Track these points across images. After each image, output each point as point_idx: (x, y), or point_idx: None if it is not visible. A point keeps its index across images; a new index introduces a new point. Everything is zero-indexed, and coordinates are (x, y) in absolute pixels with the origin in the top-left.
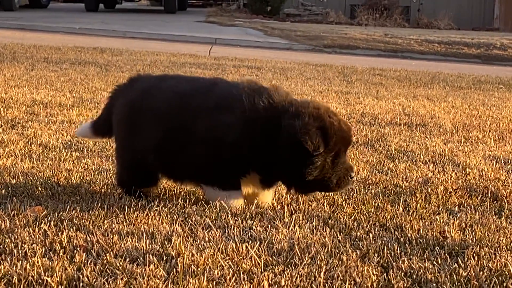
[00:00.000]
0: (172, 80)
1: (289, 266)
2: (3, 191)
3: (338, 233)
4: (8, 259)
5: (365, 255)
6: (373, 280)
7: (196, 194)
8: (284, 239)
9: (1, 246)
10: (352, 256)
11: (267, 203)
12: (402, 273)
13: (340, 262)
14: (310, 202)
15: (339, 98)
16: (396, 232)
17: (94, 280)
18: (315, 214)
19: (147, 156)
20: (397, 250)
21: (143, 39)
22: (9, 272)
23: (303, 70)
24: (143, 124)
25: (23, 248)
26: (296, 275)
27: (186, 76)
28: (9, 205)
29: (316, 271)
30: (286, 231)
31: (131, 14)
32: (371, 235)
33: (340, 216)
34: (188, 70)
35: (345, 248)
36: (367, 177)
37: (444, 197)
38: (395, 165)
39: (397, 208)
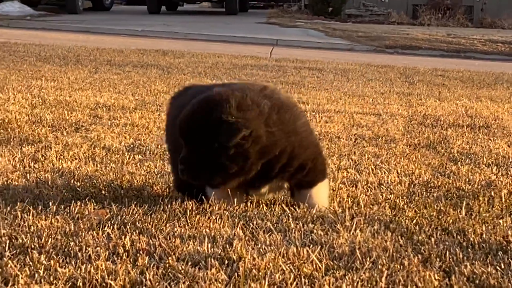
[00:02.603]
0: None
1: (350, 270)
2: (68, 194)
3: (399, 237)
4: (73, 262)
5: (427, 259)
6: (435, 285)
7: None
8: (345, 243)
9: (65, 249)
10: (414, 261)
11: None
12: (465, 278)
13: (401, 266)
14: (371, 206)
15: (401, 99)
16: (458, 236)
17: (157, 283)
18: (376, 217)
19: None
20: (459, 254)
21: (204, 41)
22: (74, 275)
23: (364, 71)
24: None
25: (87, 251)
26: (357, 279)
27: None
28: (73, 208)
29: (378, 276)
30: (347, 235)
31: (193, 16)
32: (433, 239)
33: (402, 220)
34: (249, 72)
35: (406, 253)
36: (429, 180)
37: (508, 200)
38: (457, 168)
39: (460, 211)
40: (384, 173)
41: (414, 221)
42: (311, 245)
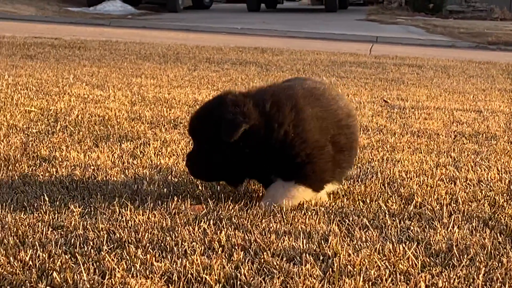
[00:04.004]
0: None
1: (446, 267)
2: (165, 189)
3: (498, 234)
4: (169, 257)
5: None
6: None
7: (352, 194)
8: (442, 240)
9: (162, 244)
10: None
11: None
12: None
13: (500, 264)
14: (470, 203)
15: (503, 96)
16: None
17: (251, 278)
18: (475, 215)
19: None
20: None
21: (303, 38)
22: (169, 269)
23: (465, 68)
24: None
25: (183, 246)
26: (454, 276)
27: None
28: (170, 204)
29: (475, 273)
30: (444, 232)
31: (292, 14)
32: None
33: (501, 217)
34: (348, 69)
35: (505, 250)
36: None
37: None
38: None
39: None
40: (484, 170)
41: None
42: (408, 242)
